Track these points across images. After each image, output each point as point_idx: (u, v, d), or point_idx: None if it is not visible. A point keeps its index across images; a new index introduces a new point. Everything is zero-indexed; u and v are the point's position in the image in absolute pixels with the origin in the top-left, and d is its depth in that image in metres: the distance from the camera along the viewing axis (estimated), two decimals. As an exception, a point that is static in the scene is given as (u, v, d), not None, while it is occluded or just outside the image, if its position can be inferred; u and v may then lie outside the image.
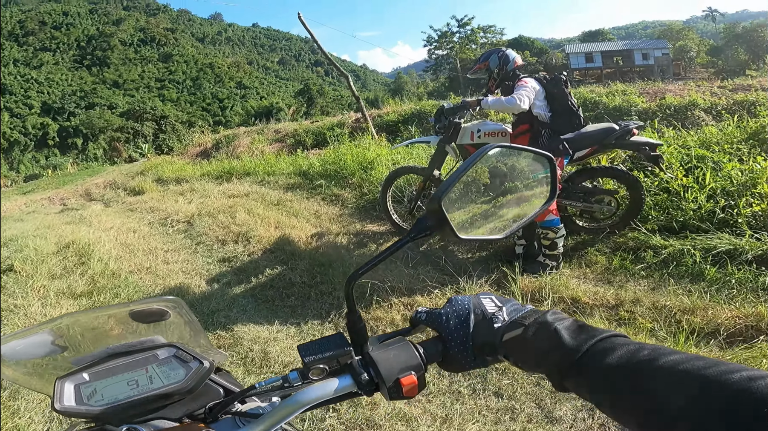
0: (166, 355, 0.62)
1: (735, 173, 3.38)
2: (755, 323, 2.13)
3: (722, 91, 7.99)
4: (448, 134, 3.41)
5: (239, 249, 3.93)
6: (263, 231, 4.16)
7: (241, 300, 3.07)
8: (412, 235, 0.59)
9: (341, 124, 9.42)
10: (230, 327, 2.69)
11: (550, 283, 2.71)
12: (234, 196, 5.78)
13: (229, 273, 3.53)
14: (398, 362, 0.55)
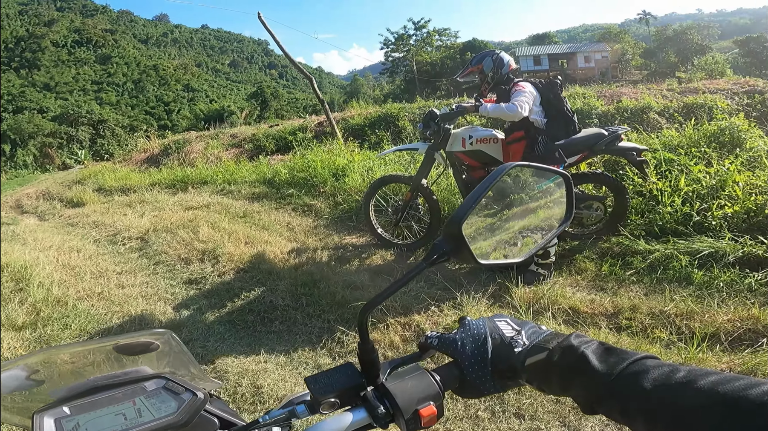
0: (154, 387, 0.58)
1: (703, 176, 3.51)
2: (753, 326, 2.17)
3: (671, 94, 8.50)
4: (437, 141, 3.27)
5: (207, 269, 3.57)
6: (232, 247, 3.82)
7: (217, 327, 2.75)
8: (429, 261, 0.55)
9: (304, 128, 9.09)
10: (210, 359, 2.40)
11: (548, 294, 2.65)
12: (193, 208, 5.33)
13: (199, 297, 3.18)
14: (416, 392, 0.53)
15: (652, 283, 2.71)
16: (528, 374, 0.52)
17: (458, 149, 3.24)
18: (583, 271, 2.97)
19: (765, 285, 2.50)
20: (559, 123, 3.01)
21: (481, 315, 2.49)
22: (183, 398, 0.57)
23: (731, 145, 4.15)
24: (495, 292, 2.79)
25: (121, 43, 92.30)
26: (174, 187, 6.78)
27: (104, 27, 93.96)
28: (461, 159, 3.29)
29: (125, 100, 72.22)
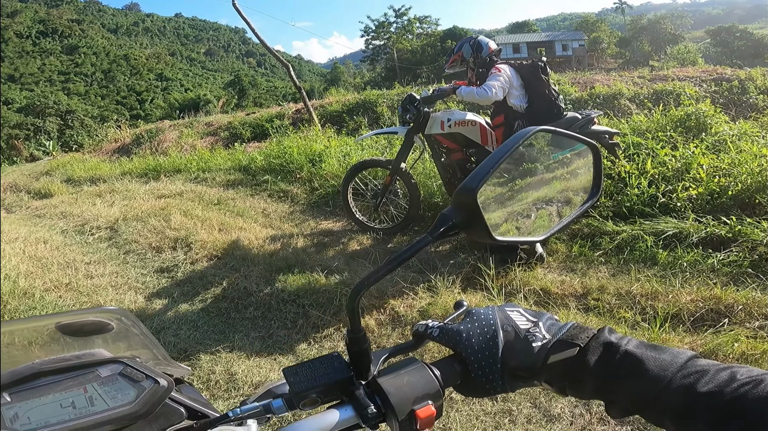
0: (109, 373, 0.51)
1: (669, 159, 3.61)
2: (715, 306, 2.24)
3: (642, 81, 8.71)
4: (417, 124, 3.26)
5: (179, 257, 3.50)
6: (205, 234, 3.75)
7: (190, 315, 2.70)
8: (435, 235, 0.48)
9: (281, 116, 8.96)
10: (182, 348, 2.36)
11: (520, 275, 2.70)
12: (165, 196, 5.20)
13: (171, 285, 3.12)
14: (413, 390, 0.46)
15: (619, 264, 2.79)
16: (550, 373, 0.45)
17: (437, 132, 3.25)
18: (555, 252, 3.03)
19: (727, 265, 2.59)
20: (540, 106, 2.96)
21: (455, 297, 2.53)
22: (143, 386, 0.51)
23: (697, 129, 4.28)
24: (468, 274, 2.82)
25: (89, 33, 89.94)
26: (146, 176, 6.60)
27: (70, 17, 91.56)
28: (440, 142, 3.30)
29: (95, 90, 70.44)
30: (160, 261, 3.49)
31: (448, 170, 3.33)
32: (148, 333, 0.61)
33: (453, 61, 3.30)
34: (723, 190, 3.21)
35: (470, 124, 3.22)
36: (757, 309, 2.21)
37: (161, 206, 4.66)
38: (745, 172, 3.31)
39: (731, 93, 8.44)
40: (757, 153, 3.57)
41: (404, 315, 2.47)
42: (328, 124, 7.57)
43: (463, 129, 3.22)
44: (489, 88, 2.84)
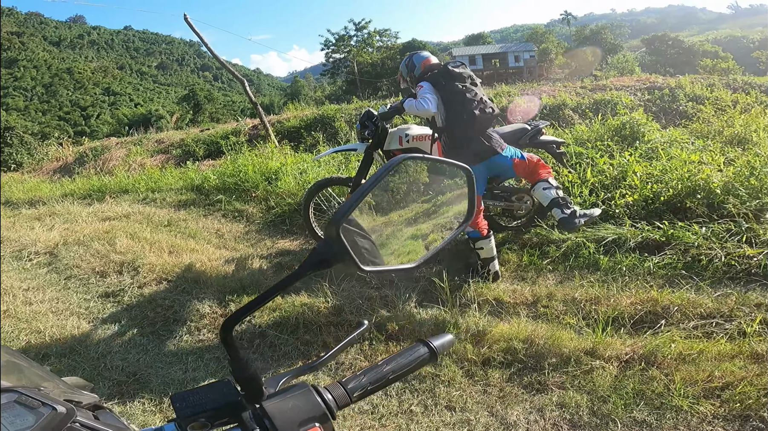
0: (5, 400, 0.50)
1: (607, 168, 3.84)
2: (652, 308, 2.38)
3: (584, 91, 9.26)
4: (376, 140, 3.29)
5: (126, 281, 3.34)
6: (154, 258, 3.59)
7: (139, 339, 2.60)
8: (305, 269, 0.51)
9: (237, 132, 8.79)
10: (131, 371, 2.28)
11: (473, 286, 2.76)
12: (110, 219, 4.95)
13: (118, 309, 2.98)
14: (299, 413, 0.48)
15: (565, 270, 2.92)
16: None
17: (396, 147, 3.31)
18: (507, 262, 3.13)
19: (662, 267, 2.77)
20: (459, 116, 2.73)
21: (412, 311, 2.55)
22: (41, 412, 0.50)
23: (632, 138, 4.59)
24: (424, 287, 2.85)
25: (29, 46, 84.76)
26: (89, 198, 6.25)
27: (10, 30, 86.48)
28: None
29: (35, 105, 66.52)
30: (104, 286, 3.32)
31: None
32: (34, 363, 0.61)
33: (399, 77, 3.33)
34: (656, 195, 3.45)
35: (426, 139, 3.28)
36: (691, 310, 2.36)
37: (105, 229, 4.43)
38: (676, 178, 3.56)
39: (662, 101, 9.12)
40: (686, 159, 3.85)
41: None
42: (285, 140, 7.49)
43: (420, 143, 3.29)
44: (423, 100, 2.72)
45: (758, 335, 2.10)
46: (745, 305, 2.33)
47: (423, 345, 0.64)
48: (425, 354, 0.63)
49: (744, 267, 2.64)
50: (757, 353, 1.97)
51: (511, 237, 3.41)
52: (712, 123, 6.13)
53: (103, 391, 2.13)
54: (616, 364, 2.02)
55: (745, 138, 5.15)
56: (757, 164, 3.60)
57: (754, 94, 10.48)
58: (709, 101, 8.66)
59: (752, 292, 2.45)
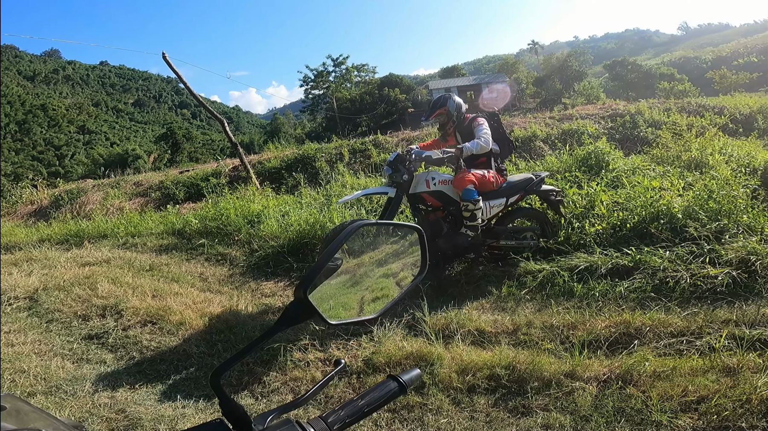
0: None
1: (577, 198, 4.05)
2: (625, 330, 2.51)
3: (552, 122, 9.65)
4: (408, 184, 3.43)
5: (109, 324, 3.32)
6: (137, 301, 3.58)
7: (126, 378, 2.59)
8: (280, 326, 0.57)
9: (217, 173, 8.80)
10: (121, 409, 2.26)
11: (456, 318, 2.84)
12: (90, 264, 4.89)
13: (102, 351, 2.97)
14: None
15: (543, 299, 3.04)
16: None
17: (423, 190, 3.46)
18: (487, 294, 3.24)
19: (633, 291, 2.91)
20: (503, 146, 3.68)
21: (397, 345, 2.60)
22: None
23: (597, 167, 4.86)
24: (408, 322, 2.92)
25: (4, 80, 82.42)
26: (67, 243, 6.14)
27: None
28: (425, 199, 3.50)
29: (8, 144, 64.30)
30: (87, 329, 3.30)
31: (432, 226, 3.53)
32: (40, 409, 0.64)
33: (438, 113, 3.69)
34: (623, 223, 3.66)
35: (450, 182, 3.49)
36: (662, 329, 2.48)
37: (86, 274, 4.38)
38: (640, 205, 3.79)
39: (624, 128, 9.52)
40: (648, 186, 4.11)
41: (350, 365, 2.52)
42: (266, 181, 7.55)
43: (444, 187, 3.48)
44: (486, 139, 3.42)
45: (727, 349, 2.21)
46: (712, 322, 2.46)
47: (393, 380, 0.70)
48: (395, 388, 0.69)
49: (709, 287, 2.80)
50: (728, 366, 2.05)
51: (489, 271, 3.53)
52: (670, 148, 6.51)
53: (93, 428, 2.11)
54: (595, 384, 2.10)
55: (702, 161, 5.48)
56: (714, 187, 3.87)
57: (708, 116, 11.09)
58: (666, 126, 9.14)
59: (719, 309, 2.60)
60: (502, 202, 3.57)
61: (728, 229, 3.32)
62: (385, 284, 0.73)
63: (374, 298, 0.71)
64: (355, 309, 0.70)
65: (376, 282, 0.72)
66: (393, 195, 3.49)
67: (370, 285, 0.72)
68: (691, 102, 12.64)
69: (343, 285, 0.68)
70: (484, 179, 3.50)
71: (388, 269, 0.73)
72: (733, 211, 3.47)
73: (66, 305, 3.69)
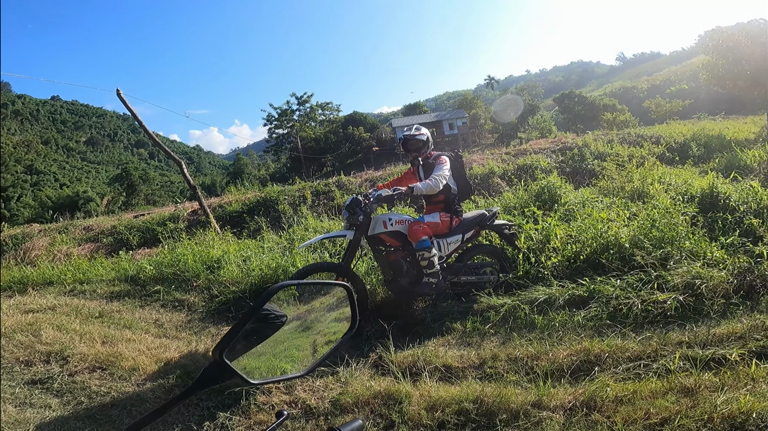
0: None
1: (533, 233, 4.22)
2: (585, 357, 2.58)
3: (508, 157, 10.14)
4: (364, 226, 3.47)
5: (54, 370, 3.11)
6: (85, 348, 3.37)
7: (74, 423, 2.44)
8: (196, 387, 0.56)
9: (175, 218, 8.52)
10: None
11: (422, 355, 2.83)
12: (33, 311, 4.60)
13: (48, 396, 2.79)
14: None
15: (506, 332, 3.10)
16: None
17: (380, 231, 3.54)
18: (453, 330, 3.27)
19: (590, 319, 3.03)
20: (464, 188, 3.80)
21: (364, 384, 2.55)
22: None
23: (551, 201, 5.11)
24: (375, 361, 2.88)
25: None
26: (10, 290, 5.74)
27: None
28: (384, 240, 3.56)
29: None
30: (31, 374, 3.09)
31: (388, 268, 3.61)
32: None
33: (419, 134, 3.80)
34: (576, 255, 3.84)
35: (406, 222, 3.60)
36: (620, 355, 2.56)
37: (29, 321, 4.13)
38: (590, 236, 4.00)
39: (573, 161, 10.12)
40: (597, 218, 4.35)
41: (316, 407, 2.44)
42: (227, 225, 7.38)
43: (401, 227, 3.57)
44: (437, 182, 3.51)
45: (683, 370, 2.30)
46: (666, 344, 2.57)
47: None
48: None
49: (660, 311, 2.96)
50: (686, 387, 2.11)
51: (454, 307, 3.58)
52: (614, 179, 6.97)
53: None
54: (562, 413, 2.12)
55: (644, 191, 5.89)
56: (656, 216, 4.15)
57: (646, 145, 12.01)
58: (610, 157, 9.81)
59: (671, 332, 2.73)
60: (458, 238, 3.73)
61: (672, 256, 3.54)
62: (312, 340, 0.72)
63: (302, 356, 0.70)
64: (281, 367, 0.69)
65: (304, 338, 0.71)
66: (352, 237, 3.55)
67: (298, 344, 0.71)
68: (630, 132, 13.66)
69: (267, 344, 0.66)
70: (437, 226, 3.66)
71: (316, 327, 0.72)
72: (675, 238, 3.72)
73: (7, 351, 3.47)
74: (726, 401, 1.93)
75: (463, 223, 3.74)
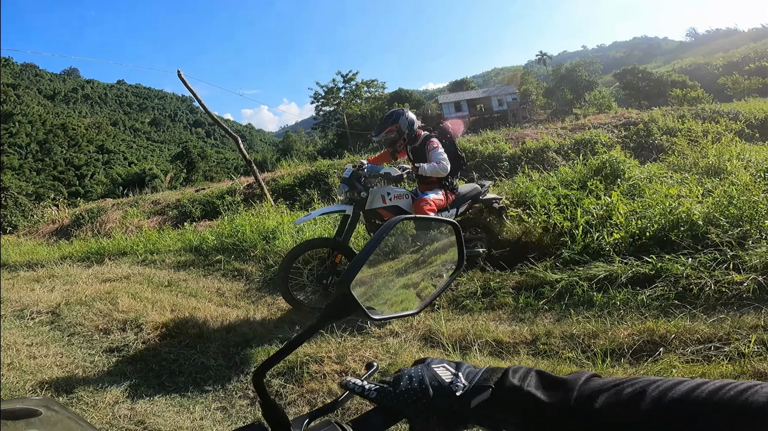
0: None
1: (594, 208, 4.00)
2: (649, 338, 2.43)
3: (564, 132, 9.62)
4: (362, 200, 3.47)
5: (130, 338, 3.37)
6: (157, 316, 3.64)
7: (145, 390, 2.62)
8: (322, 323, 0.56)
9: (232, 191, 8.96)
10: (140, 421, 2.29)
11: (473, 329, 2.81)
12: (110, 280, 5.00)
13: (122, 363, 3.01)
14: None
15: (561, 309, 2.98)
16: (476, 416, 0.51)
17: (379, 205, 3.51)
18: (504, 305, 3.20)
19: (655, 299, 2.83)
20: (453, 162, 3.67)
21: (413, 356, 2.58)
22: None
23: (613, 176, 4.80)
24: (425, 334, 2.89)
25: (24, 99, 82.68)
26: (88, 260, 6.30)
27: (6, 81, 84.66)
28: (382, 215, 3.54)
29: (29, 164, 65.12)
30: (108, 342, 3.34)
31: None
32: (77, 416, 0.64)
33: (389, 131, 3.68)
34: (642, 231, 3.59)
35: (405, 197, 3.58)
36: (688, 336, 2.39)
37: (107, 290, 4.48)
38: (658, 213, 3.72)
39: (638, 136, 9.44)
40: (666, 193, 4.04)
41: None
42: (281, 198, 7.64)
43: (399, 202, 3.55)
44: (444, 166, 3.49)
45: (758, 355, 2.12)
46: (740, 328, 2.36)
47: None
48: None
49: (735, 293, 2.71)
50: (759, 371, 1.98)
51: (505, 282, 3.50)
52: (687, 155, 6.40)
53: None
54: None
55: (720, 168, 5.38)
56: (734, 193, 3.78)
57: (723, 122, 10.92)
58: (681, 133, 9.02)
59: (746, 315, 2.50)
60: (452, 212, 3.76)
61: (751, 235, 3.23)
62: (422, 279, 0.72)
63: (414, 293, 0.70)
64: (396, 304, 0.70)
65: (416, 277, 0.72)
66: (350, 212, 3.50)
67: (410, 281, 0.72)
68: (705, 108, 12.48)
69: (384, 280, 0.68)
70: (441, 202, 3.64)
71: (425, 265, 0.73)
72: (754, 217, 3.38)
73: (87, 319, 3.77)
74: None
75: (458, 198, 3.77)
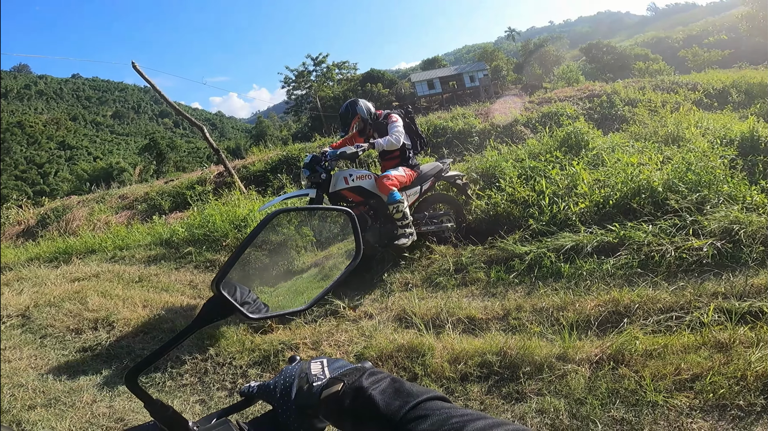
0: None
1: (559, 179, 4.08)
2: (614, 308, 2.50)
3: (532, 106, 9.73)
4: (325, 183, 3.50)
5: (102, 336, 3.31)
6: (128, 313, 3.57)
7: (122, 387, 2.58)
8: (197, 325, 0.54)
9: (203, 181, 8.73)
10: (119, 418, 2.28)
11: (446, 306, 2.85)
12: (79, 280, 4.84)
13: (96, 362, 2.97)
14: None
15: (531, 282, 3.06)
16: (324, 410, 0.51)
17: (342, 187, 3.58)
18: (476, 281, 3.26)
19: (620, 268, 2.91)
20: (415, 141, 3.94)
21: (388, 337, 2.61)
22: None
23: (577, 146, 4.90)
24: (399, 314, 2.93)
25: None
26: (56, 260, 6.07)
27: None
28: (346, 196, 3.60)
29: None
30: (81, 342, 3.28)
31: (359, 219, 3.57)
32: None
33: (355, 122, 3.87)
34: (605, 200, 3.69)
35: (367, 177, 3.66)
36: (651, 306, 2.47)
37: (75, 289, 4.35)
38: (620, 181, 3.82)
39: (602, 107, 9.67)
40: (628, 162, 4.14)
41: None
42: (252, 185, 7.50)
43: (362, 182, 3.63)
44: (397, 137, 3.66)
45: (718, 323, 2.15)
46: (701, 295, 2.44)
47: None
48: None
49: (695, 259, 2.81)
50: (719, 342, 2.01)
51: (476, 258, 3.55)
52: (647, 124, 6.58)
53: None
54: (588, 366, 2.06)
55: (679, 135, 5.55)
56: (692, 159, 3.91)
57: (682, 92, 11.23)
58: (642, 103, 9.24)
59: (707, 282, 2.59)
60: (417, 190, 3.90)
61: (709, 200, 3.36)
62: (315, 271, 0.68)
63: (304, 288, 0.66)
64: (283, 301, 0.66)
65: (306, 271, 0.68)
66: (314, 195, 3.58)
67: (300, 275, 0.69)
68: (664, 80, 12.79)
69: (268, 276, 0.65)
70: (404, 179, 3.75)
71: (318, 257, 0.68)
72: (712, 182, 3.51)
73: (58, 320, 3.68)
74: (761, 358, 1.82)
75: (421, 175, 3.89)
